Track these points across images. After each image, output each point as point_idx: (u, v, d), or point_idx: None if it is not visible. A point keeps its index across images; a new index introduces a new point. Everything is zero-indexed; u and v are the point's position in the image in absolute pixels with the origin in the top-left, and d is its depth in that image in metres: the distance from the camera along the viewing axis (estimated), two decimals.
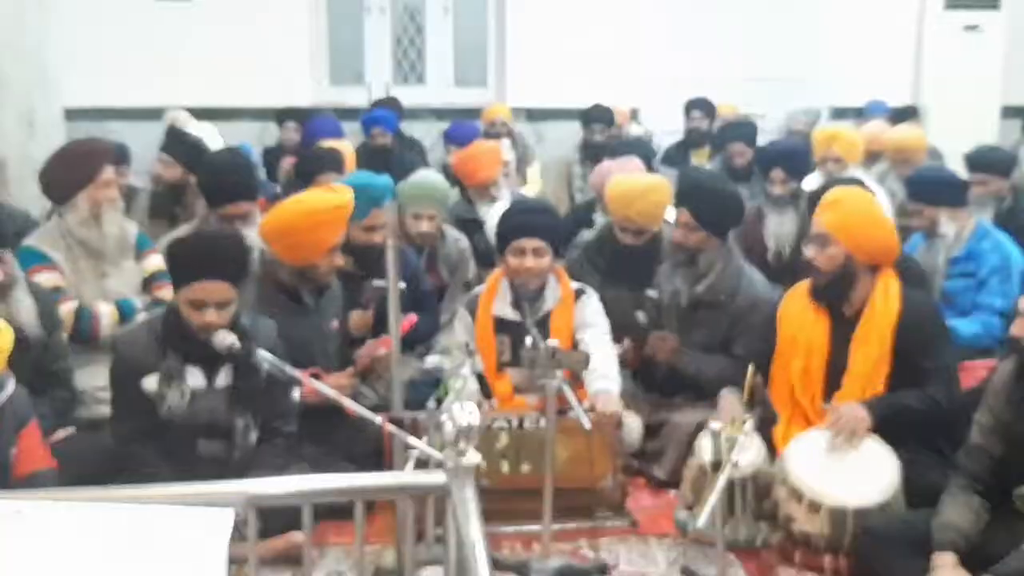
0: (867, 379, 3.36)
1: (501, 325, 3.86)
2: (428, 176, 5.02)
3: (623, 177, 4.63)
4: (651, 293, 4.03)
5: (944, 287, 4.44)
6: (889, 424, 3.27)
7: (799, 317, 3.53)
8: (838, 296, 3.46)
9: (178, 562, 1.54)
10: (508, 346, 3.85)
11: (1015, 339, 2.83)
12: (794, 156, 5.18)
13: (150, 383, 3.17)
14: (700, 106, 7.36)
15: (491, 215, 4.97)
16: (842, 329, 3.45)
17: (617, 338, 4.03)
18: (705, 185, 4.10)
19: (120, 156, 5.25)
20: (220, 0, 7.66)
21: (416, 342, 4.23)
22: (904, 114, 7.62)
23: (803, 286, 3.60)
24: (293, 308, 3.66)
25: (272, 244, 3.61)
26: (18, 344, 2.79)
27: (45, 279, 3.75)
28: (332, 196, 3.62)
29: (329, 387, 2.82)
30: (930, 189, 4.54)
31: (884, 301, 3.40)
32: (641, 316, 4.04)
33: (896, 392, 3.33)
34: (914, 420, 3.32)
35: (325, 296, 3.77)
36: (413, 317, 3.83)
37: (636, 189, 4.34)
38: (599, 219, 5.04)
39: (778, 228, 4.95)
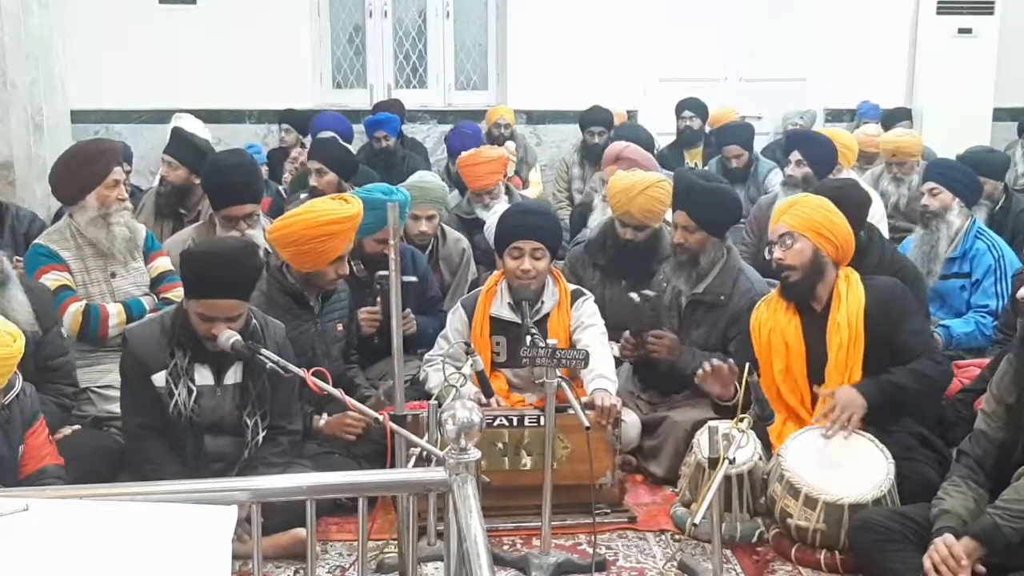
0: (845, 365, 3.43)
1: (498, 326, 3.90)
2: (427, 177, 5.07)
3: (625, 173, 4.69)
4: (647, 292, 4.06)
5: (937, 287, 4.49)
6: (885, 411, 3.33)
7: (771, 320, 3.60)
8: (808, 292, 3.53)
9: (182, 558, 1.56)
10: (504, 347, 3.89)
11: (1020, 301, 2.92)
12: (814, 143, 5.27)
13: (159, 380, 3.21)
14: (691, 105, 7.38)
15: (490, 217, 5.01)
16: (814, 325, 3.53)
17: (615, 336, 4.08)
18: (701, 186, 4.13)
19: (123, 155, 5.31)
20: (223, 4, 7.69)
21: (420, 345, 4.27)
22: (896, 116, 7.68)
23: (772, 295, 3.67)
24: (297, 311, 3.69)
25: (281, 250, 3.63)
26: None
27: (54, 278, 3.79)
28: (342, 207, 3.63)
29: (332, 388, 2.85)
30: (953, 177, 4.62)
31: (848, 289, 3.49)
32: (636, 298, 4.07)
33: (887, 373, 3.38)
34: (909, 397, 3.38)
35: (330, 300, 3.80)
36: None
37: (637, 185, 4.39)
38: (597, 215, 5.09)
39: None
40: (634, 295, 4.06)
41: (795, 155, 5.19)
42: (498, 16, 8.25)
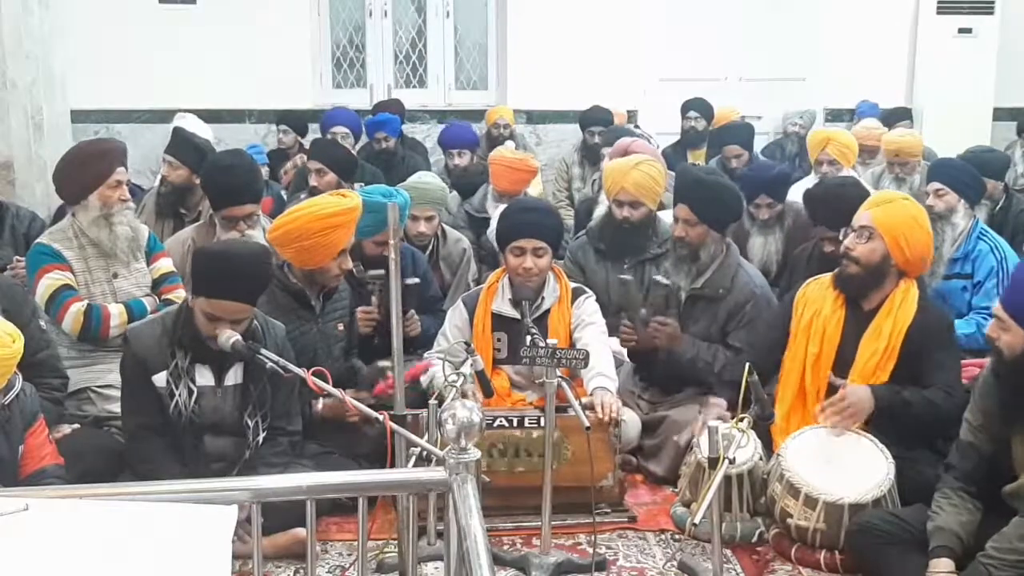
0: (871, 373, 3.40)
1: (499, 322, 3.90)
2: (426, 178, 5.06)
3: (619, 157, 4.87)
4: (659, 278, 4.08)
5: (938, 287, 4.47)
6: (887, 418, 3.32)
7: (818, 304, 3.57)
8: (860, 290, 3.50)
9: (182, 558, 1.56)
10: (505, 343, 3.89)
11: (990, 339, 2.88)
12: (777, 181, 5.09)
13: (160, 380, 3.21)
14: (696, 106, 7.38)
15: (493, 216, 5.02)
16: (857, 322, 3.49)
17: (619, 322, 4.08)
18: (703, 180, 4.14)
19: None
20: (223, 3, 7.69)
21: (420, 345, 4.27)
22: (897, 116, 7.67)
23: (826, 278, 3.64)
24: (299, 311, 3.69)
25: (282, 249, 3.63)
26: None
27: (56, 277, 3.79)
28: (342, 200, 3.64)
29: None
30: (958, 177, 4.61)
31: (902, 302, 3.44)
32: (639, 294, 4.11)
33: (902, 387, 3.36)
34: (911, 418, 3.35)
35: (331, 299, 3.80)
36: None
37: (630, 162, 4.54)
38: (602, 209, 5.11)
39: (763, 249, 4.95)
40: (625, 277, 4.15)
41: (765, 199, 4.95)
42: (498, 16, 8.25)
